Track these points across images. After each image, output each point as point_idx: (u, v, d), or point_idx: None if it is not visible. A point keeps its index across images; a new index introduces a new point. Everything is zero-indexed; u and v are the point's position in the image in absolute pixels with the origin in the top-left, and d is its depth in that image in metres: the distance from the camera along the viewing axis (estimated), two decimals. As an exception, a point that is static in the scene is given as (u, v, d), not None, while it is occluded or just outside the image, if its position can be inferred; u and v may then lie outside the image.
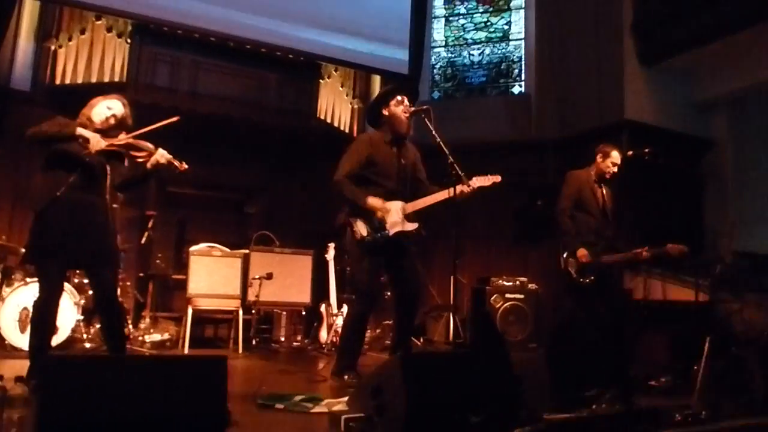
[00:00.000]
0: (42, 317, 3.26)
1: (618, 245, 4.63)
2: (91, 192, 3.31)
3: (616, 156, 4.66)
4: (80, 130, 3.20)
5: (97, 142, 3.20)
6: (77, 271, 4.88)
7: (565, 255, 4.57)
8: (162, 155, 3.40)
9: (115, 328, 3.46)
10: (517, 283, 6.28)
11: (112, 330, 3.43)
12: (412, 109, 3.79)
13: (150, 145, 3.41)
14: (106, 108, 3.38)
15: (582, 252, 4.45)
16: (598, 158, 4.71)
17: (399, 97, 3.82)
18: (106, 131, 3.36)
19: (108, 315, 3.41)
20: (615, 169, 4.68)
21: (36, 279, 4.74)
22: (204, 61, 7.08)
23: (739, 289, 5.14)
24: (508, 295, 6.11)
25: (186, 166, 3.47)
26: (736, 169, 7.31)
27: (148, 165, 3.41)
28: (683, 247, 4.43)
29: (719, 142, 7.36)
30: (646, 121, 6.91)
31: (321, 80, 7.85)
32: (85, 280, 5.00)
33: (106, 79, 6.67)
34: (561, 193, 4.72)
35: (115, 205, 3.46)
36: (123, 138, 3.34)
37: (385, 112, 3.85)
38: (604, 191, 4.72)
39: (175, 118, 3.42)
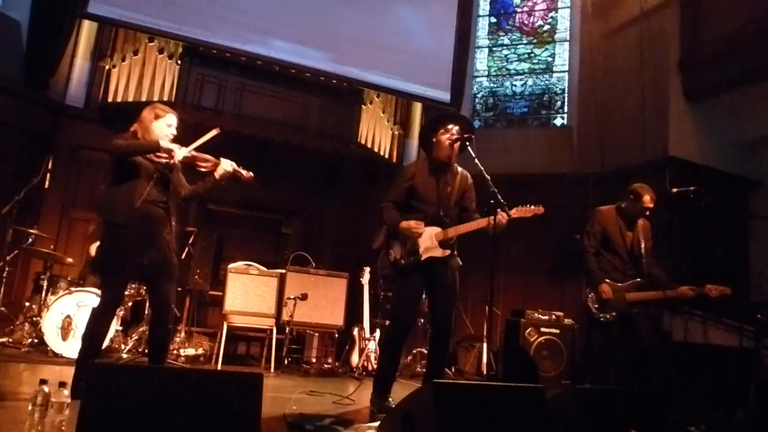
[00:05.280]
0: (98, 325, 3.31)
1: (654, 282, 4.46)
2: (160, 205, 3.41)
3: (648, 201, 4.42)
4: (163, 143, 3.30)
5: (180, 152, 3.32)
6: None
7: (587, 290, 4.49)
8: (228, 163, 3.51)
9: (164, 341, 3.49)
10: (553, 317, 6.15)
11: (160, 342, 3.46)
12: (455, 136, 3.79)
13: (211, 156, 3.51)
14: (167, 126, 3.46)
15: (604, 287, 4.37)
16: (629, 198, 4.51)
17: (449, 126, 3.84)
18: None
19: (160, 328, 3.43)
20: (646, 213, 4.49)
21: (80, 288, 4.92)
22: (249, 83, 7.28)
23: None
24: (543, 329, 6.00)
25: (251, 174, 3.56)
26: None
27: (216, 175, 3.50)
28: (724, 288, 4.27)
29: (766, 183, 7.18)
30: (691, 158, 6.78)
31: (363, 106, 7.94)
32: (127, 292, 5.12)
33: (156, 98, 6.89)
34: (586, 229, 4.62)
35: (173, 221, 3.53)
36: (186, 150, 3.42)
37: (433, 138, 3.89)
38: (639, 229, 4.52)
39: (216, 131, 3.51)
